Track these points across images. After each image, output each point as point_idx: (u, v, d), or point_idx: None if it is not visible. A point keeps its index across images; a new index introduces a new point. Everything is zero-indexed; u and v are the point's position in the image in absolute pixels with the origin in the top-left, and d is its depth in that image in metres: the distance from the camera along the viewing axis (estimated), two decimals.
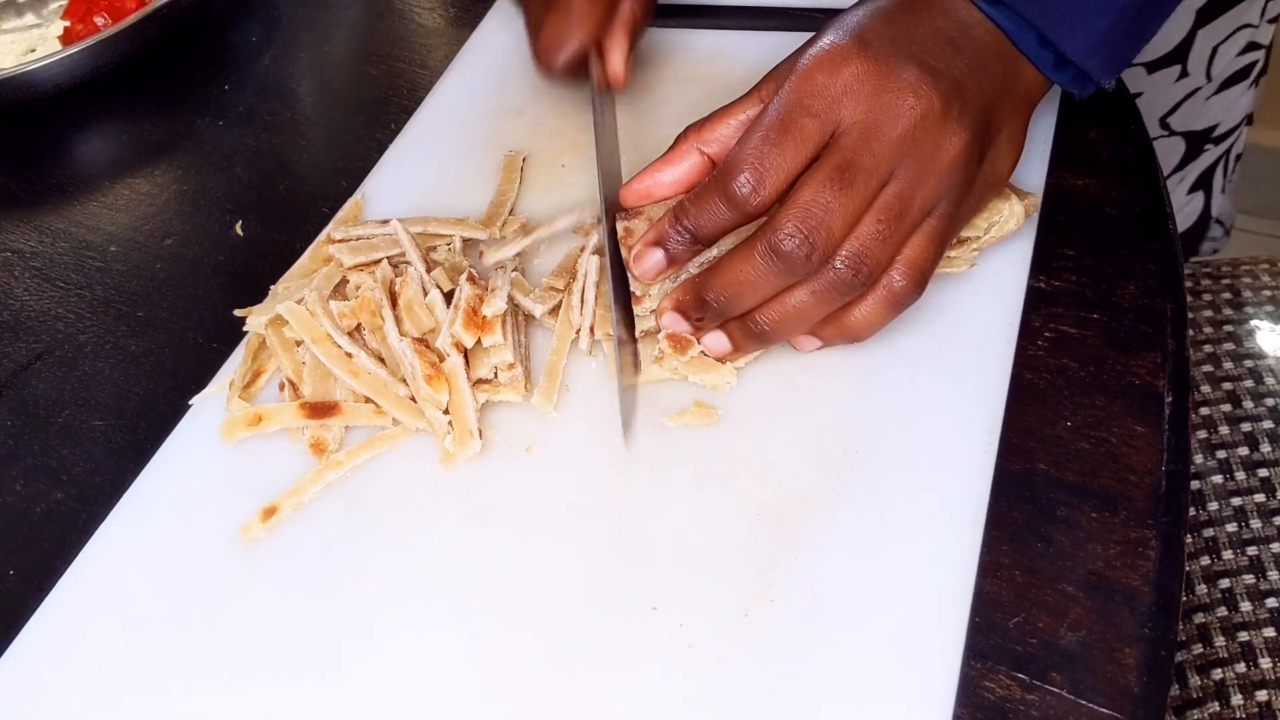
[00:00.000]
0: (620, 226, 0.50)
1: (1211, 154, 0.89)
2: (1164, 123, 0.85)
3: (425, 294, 0.51)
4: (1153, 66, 0.80)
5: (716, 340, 0.47)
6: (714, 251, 0.47)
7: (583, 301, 0.50)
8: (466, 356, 0.48)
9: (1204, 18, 0.78)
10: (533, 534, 0.44)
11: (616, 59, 0.56)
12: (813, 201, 0.42)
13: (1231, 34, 0.80)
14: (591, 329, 0.50)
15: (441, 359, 0.48)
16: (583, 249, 0.53)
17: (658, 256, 0.46)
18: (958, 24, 0.45)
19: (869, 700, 0.38)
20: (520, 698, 0.40)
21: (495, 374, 0.49)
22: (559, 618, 0.41)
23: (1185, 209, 0.93)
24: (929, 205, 0.43)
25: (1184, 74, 0.81)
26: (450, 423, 0.47)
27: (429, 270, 0.52)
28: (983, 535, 0.42)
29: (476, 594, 0.43)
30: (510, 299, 0.51)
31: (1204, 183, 0.91)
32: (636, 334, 0.49)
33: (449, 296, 0.50)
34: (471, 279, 0.50)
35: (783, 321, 0.45)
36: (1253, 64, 0.84)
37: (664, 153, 0.49)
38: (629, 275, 0.48)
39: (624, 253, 0.48)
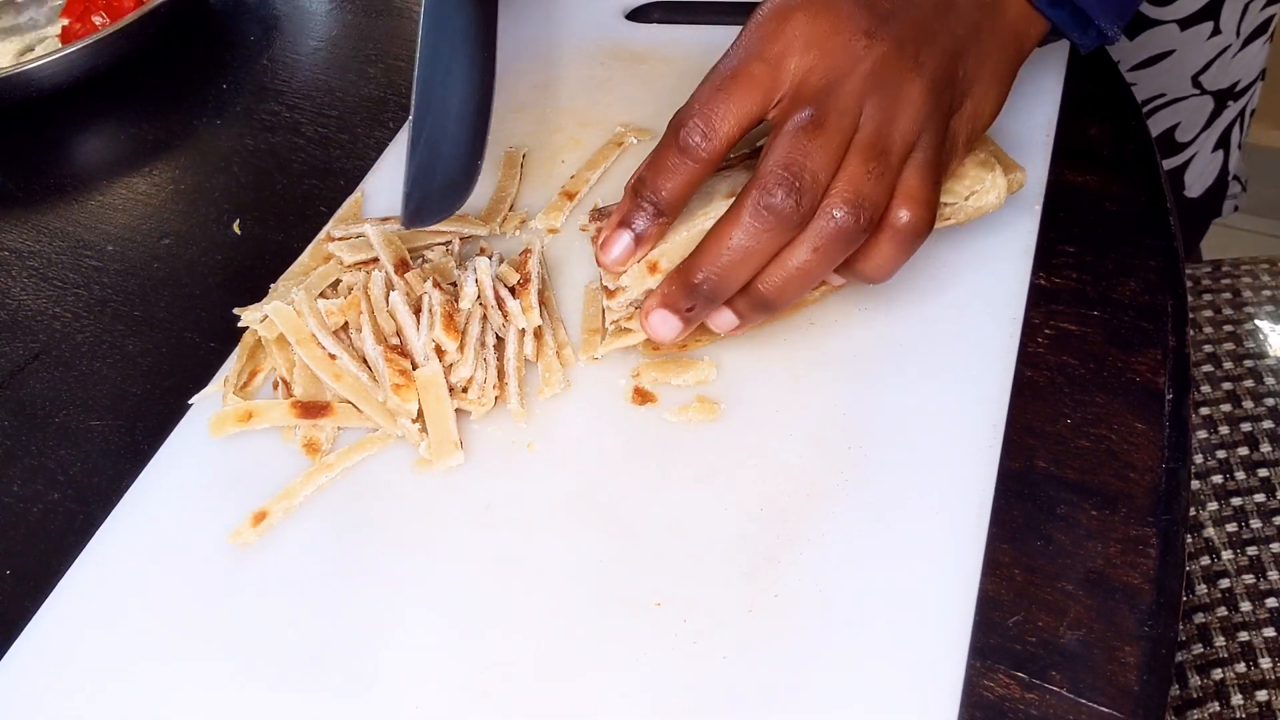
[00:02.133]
0: (594, 228, 0.49)
1: (1232, 110, 0.88)
2: (1196, 81, 0.84)
3: (387, 296, 0.50)
4: (1185, 23, 0.79)
5: (722, 317, 0.45)
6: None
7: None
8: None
9: None
10: (535, 531, 0.44)
11: None
12: (791, 149, 0.41)
13: None
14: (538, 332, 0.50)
15: (415, 365, 0.48)
16: (528, 252, 0.52)
17: (625, 238, 0.45)
18: None
19: (875, 696, 0.38)
20: (524, 695, 0.39)
21: (465, 388, 0.48)
22: (562, 614, 0.41)
23: (1209, 168, 0.92)
24: (909, 140, 0.42)
25: (1216, 31, 0.80)
26: (423, 430, 0.47)
27: (406, 272, 0.51)
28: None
29: (478, 591, 0.42)
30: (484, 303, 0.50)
31: (1224, 140, 0.90)
32: (608, 326, 0.49)
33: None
34: (438, 285, 0.49)
35: (789, 284, 0.43)
36: (1272, 18, 0.83)
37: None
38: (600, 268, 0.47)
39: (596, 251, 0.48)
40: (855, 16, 0.42)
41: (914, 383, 0.46)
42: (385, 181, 0.61)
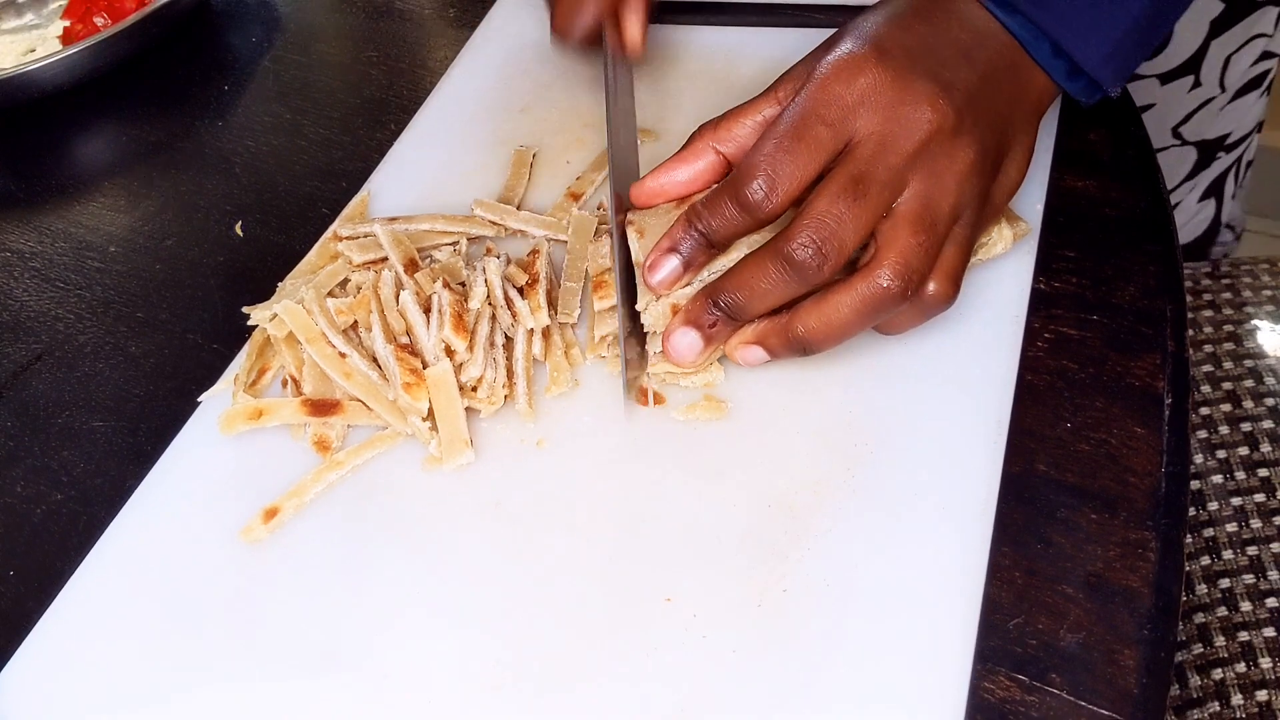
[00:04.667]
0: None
1: (1223, 162, 0.89)
2: (1176, 132, 0.85)
3: (397, 296, 0.50)
4: (1166, 78, 0.80)
5: (753, 353, 0.46)
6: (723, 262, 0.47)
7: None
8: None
9: (1217, 29, 0.78)
10: (545, 527, 0.44)
11: (634, 26, 0.56)
12: (826, 212, 0.42)
13: (1245, 44, 0.80)
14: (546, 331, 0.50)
15: (425, 364, 0.48)
16: (535, 251, 0.53)
17: (673, 263, 0.46)
18: (973, 34, 0.45)
19: (883, 689, 0.38)
20: (536, 690, 0.40)
21: (475, 387, 0.48)
22: (573, 611, 0.42)
23: (1197, 217, 0.93)
24: (955, 215, 0.43)
25: (1197, 84, 0.81)
26: (433, 429, 0.47)
27: (415, 271, 0.52)
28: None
29: (489, 588, 0.43)
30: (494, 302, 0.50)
31: (1215, 190, 0.91)
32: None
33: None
34: (447, 285, 0.50)
35: (828, 335, 0.44)
36: (1266, 72, 0.84)
37: (678, 151, 0.49)
38: (638, 287, 0.48)
39: (631, 241, 0.48)
40: (920, 87, 0.43)
41: (919, 382, 0.47)
42: (390, 181, 0.61)
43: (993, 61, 0.45)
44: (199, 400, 0.51)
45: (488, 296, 0.50)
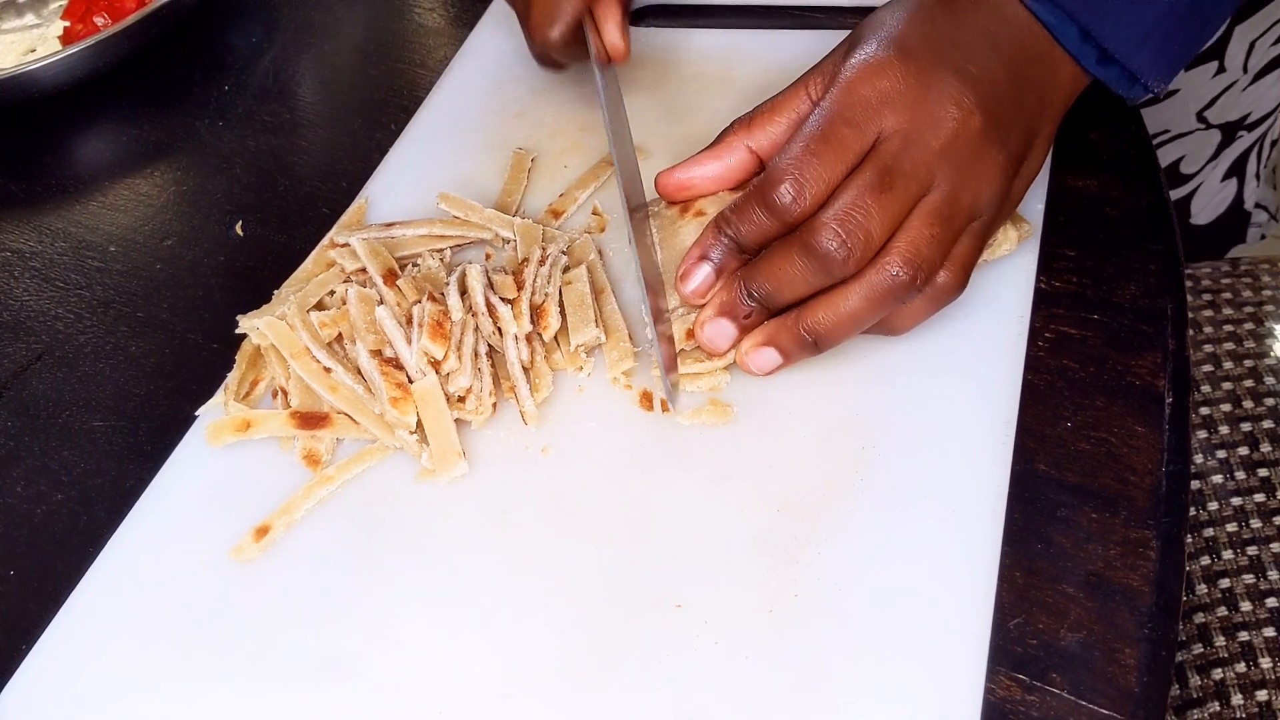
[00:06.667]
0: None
1: (1245, 140, 0.88)
2: (1201, 116, 0.84)
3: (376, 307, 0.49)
4: (1190, 64, 0.79)
5: (766, 356, 0.46)
6: None
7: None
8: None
9: (1242, 14, 0.78)
10: (552, 535, 0.44)
11: (612, 29, 0.54)
12: (853, 205, 0.42)
13: (1269, 28, 0.80)
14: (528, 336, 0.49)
15: (410, 379, 0.47)
16: (525, 260, 0.52)
17: (706, 270, 0.46)
18: (999, 22, 0.44)
19: (897, 694, 0.38)
20: (546, 698, 0.39)
21: (462, 398, 0.48)
22: (583, 618, 0.41)
23: (1218, 197, 0.92)
24: (975, 210, 0.43)
25: (1221, 69, 0.81)
26: (421, 441, 0.46)
27: (395, 280, 0.51)
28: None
29: (498, 596, 0.42)
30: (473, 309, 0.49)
31: (1237, 169, 0.90)
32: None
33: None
34: (432, 297, 0.49)
35: (838, 328, 0.44)
36: None
37: (709, 145, 0.49)
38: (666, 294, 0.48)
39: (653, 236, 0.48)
40: (945, 84, 0.43)
41: (924, 383, 0.47)
42: (389, 186, 0.61)
43: (1019, 54, 0.44)
44: (195, 415, 0.51)
45: (470, 307, 0.49)
